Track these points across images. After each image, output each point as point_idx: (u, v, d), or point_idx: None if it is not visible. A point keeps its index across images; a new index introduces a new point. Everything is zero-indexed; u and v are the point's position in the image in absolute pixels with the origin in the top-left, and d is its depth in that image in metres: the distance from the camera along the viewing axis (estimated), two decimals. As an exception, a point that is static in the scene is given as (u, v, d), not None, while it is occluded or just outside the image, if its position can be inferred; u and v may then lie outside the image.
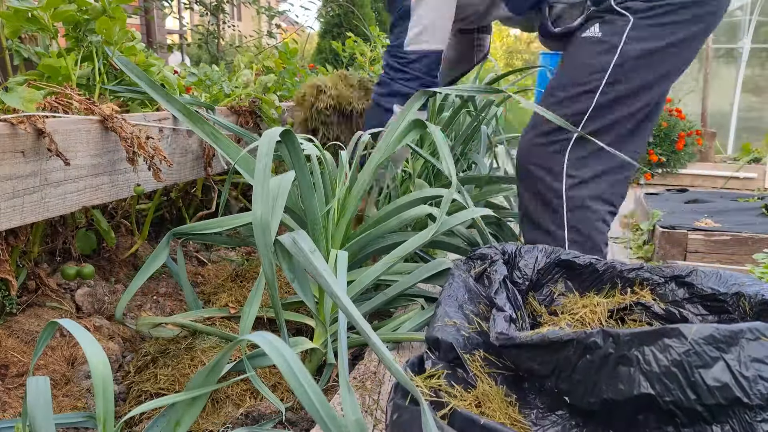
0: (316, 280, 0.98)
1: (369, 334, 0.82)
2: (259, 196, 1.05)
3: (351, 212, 1.47)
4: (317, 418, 0.77)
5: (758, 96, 5.83)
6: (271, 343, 0.80)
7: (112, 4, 1.40)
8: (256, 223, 1.02)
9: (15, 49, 1.47)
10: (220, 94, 1.89)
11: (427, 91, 1.53)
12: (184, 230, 1.41)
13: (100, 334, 1.44)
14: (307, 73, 2.82)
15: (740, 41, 5.60)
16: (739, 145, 5.38)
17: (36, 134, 1.09)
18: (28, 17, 1.30)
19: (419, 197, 1.55)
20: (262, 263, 1.04)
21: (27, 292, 1.45)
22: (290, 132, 1.26)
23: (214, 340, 1.38)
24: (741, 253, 2.60)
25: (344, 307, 0.87)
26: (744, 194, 4.07)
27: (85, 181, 1.24)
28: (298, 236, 1.05)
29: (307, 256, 1.00)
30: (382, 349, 0.80)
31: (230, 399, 1.22)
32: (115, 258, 1.74)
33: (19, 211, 1.09)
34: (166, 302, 1.70)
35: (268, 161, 1.09)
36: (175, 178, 1.56)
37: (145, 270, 1.36)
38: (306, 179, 1.31)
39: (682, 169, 4.63)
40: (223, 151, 1.46)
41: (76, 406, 1.22)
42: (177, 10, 5.84)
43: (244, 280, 1.74)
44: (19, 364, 1.25)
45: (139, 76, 1.42)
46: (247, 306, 1.13)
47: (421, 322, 1.38)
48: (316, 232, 1.37)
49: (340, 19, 6.49)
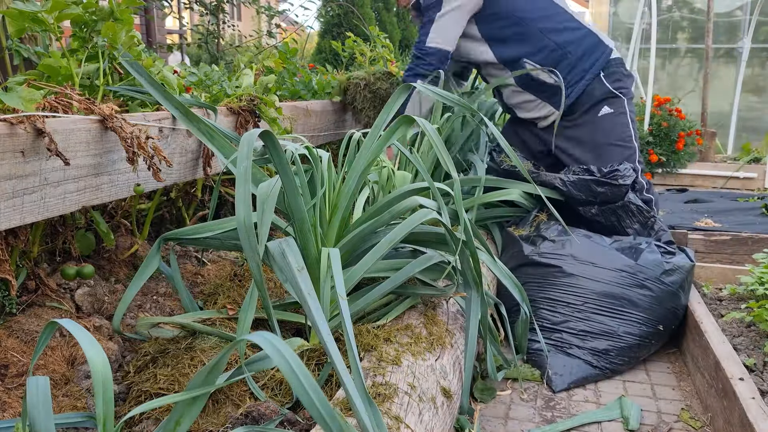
0: (299, 301, 0.99)
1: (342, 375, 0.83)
2: (241, 199, 1.05)
3: (343, 210, 1.48)
4: (317, 417, 0.77)
5: (758, 96, 5.82)
6: (271, 343, 0.80)
7: (121, 6, 1.40)
8: (240, 227, 1.03)
9: (15, 49, 1.47)
10: (220, 94, 1.88)
11: (408, 86, 1.69)
12: (174, 235, 1.41)
13: (100, 334, 1.44)
14: (307, 73, 2.82)
15: (740, 41, 5.59)
16: (739, 145, 5.37)
17: (35, 134, 1.09)
18: (34, 18, 1.31)
19: (408, 190, 1.55)
20: (250, 266, 1.04)
21: (27, 292, 1.45)
22: (270, 133, 1.26)
23: (214, 340, 1.38)
24: (741, 253, 2.60)
25: (323, 340, 0.89)
26: (744, 194, 4.07)
27: (85, 180, 1.24)
28: (288, 247, 1.05)
29: (293, 275, 1.01)
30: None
31: (230, 399, 1.22)
32: (115, 258, 1.74)
33: (18, 211, 1.09)
34: (165, 302, 1.70)
35: (248, 164, 1.09)
36: (175, 178, 1.56)
37: (138, 278, 1.38)
38: (288, 178, 1.30)
39: (682, 168, 4.63)
40: (218, 150, 1.46)
41: (76, 406, 1.22)
42: (177, 10, 5.84)
43: (243, 279, 1.75)
44: (19, 364, 1.25)
45: (142, 75, 1.42)
46: (245, 306, 1.14)
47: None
48: (304, 230, 1.37)
49: (340, 18, 6.49)
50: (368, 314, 1.55)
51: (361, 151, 1.55)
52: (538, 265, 2.03)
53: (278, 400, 1.22)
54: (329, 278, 1.23)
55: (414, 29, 8.06)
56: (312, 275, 1.29)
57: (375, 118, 1.93)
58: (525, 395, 1.74)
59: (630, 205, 2.21)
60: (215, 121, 1.62)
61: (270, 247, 1.13)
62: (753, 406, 1.35)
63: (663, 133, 4.58)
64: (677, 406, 1.69)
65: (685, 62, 6.10)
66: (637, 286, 1.91)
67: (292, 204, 1.34)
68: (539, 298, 1.98)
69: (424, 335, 1.43)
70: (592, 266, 1.96)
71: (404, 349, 1.32)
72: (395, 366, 1.25)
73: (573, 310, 1.92)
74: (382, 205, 1.54)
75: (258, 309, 1.41)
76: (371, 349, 1.30)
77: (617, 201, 2.22)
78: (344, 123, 2.83)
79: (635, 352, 1.88)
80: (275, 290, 1.74)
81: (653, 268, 1.93)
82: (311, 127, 2.46)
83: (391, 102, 1.66)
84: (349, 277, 1.38)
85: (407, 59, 3.15)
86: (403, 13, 7.88)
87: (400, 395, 1.16)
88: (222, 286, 1.71)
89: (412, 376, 1.25)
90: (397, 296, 1.61)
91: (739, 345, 1.72)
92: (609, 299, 1.90)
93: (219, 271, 1.91)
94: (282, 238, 1.22)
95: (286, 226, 1.54)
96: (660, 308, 1.90)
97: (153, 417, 1.18)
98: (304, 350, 1.35)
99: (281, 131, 1.90)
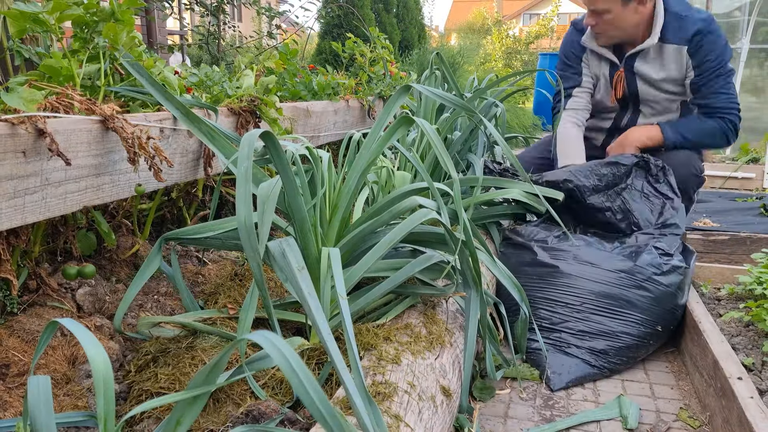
0: (300, 301, 0.99)
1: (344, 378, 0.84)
2: (241, 199, 1.05)
3: (343, 210, 1.48)
4: (317, 416, 0.78)
5: (756, 96, 5.83)
6: (272, 342, 0.80)
7: (122, 7, 1.41)
8: (241, 226, 1.03)
9: (16, 50, 1.47)
10: (221, 95, 1.89)
11: (407, 87, 1.67)
12: (175, 235, 1.41)
13: (101, 334, 1.45)
14: (307, 74, 2.83)
15: (739, 41, 5.60)
16: (737, 145, 5.38)
17: (37, 134, 1.09)
18: (35, 18, 1.31)
19: (408, 190, 1.55)
20: (250, 266, 1.05)
21: (28, 291, 1.46)
22: (271, 134, 1.26)
23: (215, 339, 1.39)
24: (739, 253, 2.61)
25: (324, 339, 0.89)
26: (742, 194, 4.08)
27: (86, 181, 1.25)
28: (288, 247, 1.05)
29: (294, 274, 1.01)
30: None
31: (230, 398, 1.22)
32: (117, 258, 1.75)
33: (20, 211, 1.09)
34: (167, 301, 1.70)
35: (249, 165, 1.09)
36: (176, 178, 1.57)
37: (139, 277, 1.38)
38: (289, 178, 1.31)
39: (681, 169, 4.63)
40: (219, 150, 1.47)
41: (77, 406, 1.22)
42: (178, 11, 5.84)
43: (244, 279, 1.75)
44: (20, 364, 1.26)
45: (143, 76, 1.43)
46: (245, 306, 1.14)
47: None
48: (304, 230, 1.38)
49: (340, 20, 6.49)
50: (368, 313, 1.55)
51: (361, 152, 1.56)
52: (537, 265, 2.04)
53: (279, 399, 1.23)
54: (329, 278, 1.24)
55: (414, 29, 8.06)
56: (312, 275, 1.30)
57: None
58: (524, 394, 1.75)
59: (633, 188, 2.23)
60: (216, 121, 1.63)
61: (270, 246, 1.14)
62: (751, 405, 1.36)
63: (662, 134, 4.58)
64: (676, 406, 1.70)
65: (685, 63, 6.09)
66: (635, 287, 1.91)
67: (292, 204, 1.35)
68: (538, 298, 1.99)
69: (423, 334, 1.44)
70: (590, 267, 1.96)
71: (404, 348, 1.33)
72: (395, 365, 1.26)
73: (572, 310, 1.92)
74: (382, 205, 1.55)
75: (259, 308, 1.41)
76: (371, 348, 1.31)
77: (620, 183, 2.23)
78: (344, 123, 2.84)
79: (633, 352, 1.89)
80: (276, 290, 1.74)
81: (651, 270, 1.93)
82: (311, 128, 2.47)
83: (390, 102, 1.67)
84: (349, 277, 1.38)
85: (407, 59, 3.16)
86: (402, 14, 7.88)
87: (400, 394, 1.16)
88: (223, 285, 1.72)
89: (412, 374, 1.25)
90: (397, 296, 1.61)
91: (737, 344, 1.72)
92: (607, 300, 1.91)
93: (220, 270, 1.91)
94: (282, 237, 1.23)
95: (287, 226, 1.54)
96: (658, 309, 1.91)
97: (154, 416, 1.19)
98: (304, 349, 1.36)
99: (282, 132, 1.91)
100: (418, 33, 8.18)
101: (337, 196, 1.51)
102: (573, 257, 2.00)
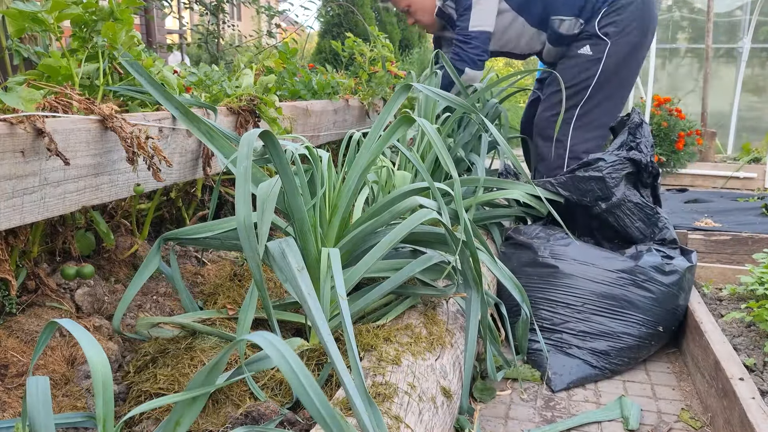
0: (299, 301, 0.99)
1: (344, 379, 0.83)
2: (241, 199, 1.05)
3: (343, 210, 1.48)
4: (317, 417, 0.77)
5: (758, 96, 5.82)
6: (271, 343, 0.80)
7: (121, 6, 1.40)
8: (240, 226, 1.03)
9: (15, 49, 1.46)
10: (220, 94, 1.88)
11: (408, 85, 1.68)
12: (174, 235, 1.41)
13: (100, 334, 1.44)
14: (307, 73, 2.82)
15: (740, 41, 5.59)
16: (739, 145, 5.38)
17: (35, 134, 1.09)
18: (34, 18, 1.31)
19: (408, 190, 1.55)
20: (250, 266, 1.04)
21: (27, 292, 1.45)
22: (270, 133, 1.26)
23: (214, 340, 1.38)
24: (741, 253, 2.60)
25: (323, 340, 0.89)
26: (744, 194, 4.07)
27: (85, 180, 1.24)
28: (288, 247, 1.05)
29: (293, 275, 1.00)
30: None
31: (230, 399, 1.22)
32: (115, 258, 1.74)
33: (18, 211, 1.08)
34: (166, 302, 1.70)
35: (248, 164, 1.09)
36: (175, 177, 1.56)
37: (138, 278, 1.38)
38: (288, 178, 1.30)
39: (681, 168, 4.63)
40: (218, 150, 1.46)
41: (76, 406, 1.22)
42: (177, 10, 5.83)
43: (243, 279, 1.74)
44: (19, 364, 1.25)
45: (142, 75, 1.42)
46: (244, 307, 1.13)
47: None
48: (304, 230, 1.37)
49: (340, 18, 6.49)
50: (368, 314, 1.55)
51: (361, 151, 1.55)
52: (538, 265, 2.03)
53: (278, 400, 1.22)
54: (329, 278, 1.23)
55: (414, 29, 8.06)
56: (312, 275, 1.29)
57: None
58: (525, 395, 1.74)
59: (625, 204, 2.10)
60: (215, 121, 1.62)
61: (270, 247, 1.13)
62: (753, 406, 1.35)
63: (663, 133, 4.59)
64: (677, 406, 1.69)
65: (685, 62, 6.09)
66: (636, 288, 1.91)
67: (292, 204, 1.34)
68: (539, 298, 1.98)
69: (424, 335, 1.43)
70: (592, 267, 1.96)
71: (404, 349, 1.32)
72: (395, 366, 1.25)
73: (573, 310, 1.92)
74: (382, 205, 1.54)
75: (258, 309, 1.40)
76: (371, 349, 1.30)
77: (609, 198, 2.11)
78: (344, 123, 2.83)
79: (635, 353, 1.88)
80: (275, 290, 1.74)
81: (653, 270, 1.93)
82: (311, 127, 2.46)
83: (391, 102, 1.66)
84: (349, 277, 1.38)
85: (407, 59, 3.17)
86: (403, 14, 7.87)
87: (400, 395, 1.16)
88: (222, 286, 1.71)
89: (412, 375, 1.25)
90: (397, 296, 1.61)
91: (739, 345, 1.72)
92: (608, 300, 1.90)
93: (219, 271, 1.91)
94: (282, 238, 1.22)
95: (286, 226, 1.54)
96: (660, 310, 1.90)
97: (153, 417, 1.18)
98: (304, 350, 1.35)
99: (281, 131, 1.90)
100: (418, 32, 8.18)
101: (337, 196, 1.51)
102: (574, 258, 2.00)
